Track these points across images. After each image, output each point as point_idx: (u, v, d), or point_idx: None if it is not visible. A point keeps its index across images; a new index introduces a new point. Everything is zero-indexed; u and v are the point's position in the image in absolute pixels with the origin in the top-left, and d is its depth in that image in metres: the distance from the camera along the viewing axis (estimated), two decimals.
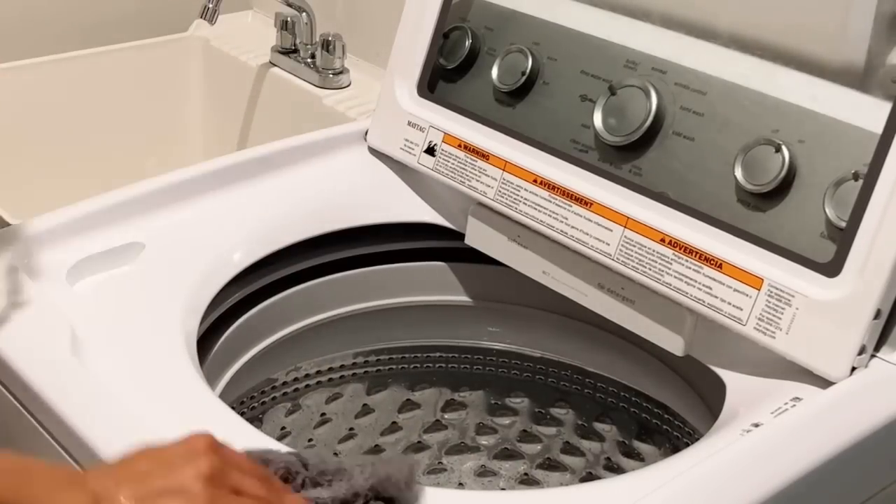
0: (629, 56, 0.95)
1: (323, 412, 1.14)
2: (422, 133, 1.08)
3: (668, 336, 0.93)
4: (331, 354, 1.14)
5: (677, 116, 0.91)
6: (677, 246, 0.88)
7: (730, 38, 0.91)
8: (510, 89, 1.02)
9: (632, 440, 1.12)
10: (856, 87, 0.84)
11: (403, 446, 1.17)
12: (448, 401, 1.19)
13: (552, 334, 1.15)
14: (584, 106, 0.97)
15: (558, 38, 1.01)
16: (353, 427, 1.15)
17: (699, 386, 1.01)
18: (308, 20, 1.64)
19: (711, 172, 0.88)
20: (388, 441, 1.16)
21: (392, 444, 1.17)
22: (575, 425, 1.16)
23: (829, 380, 0.81)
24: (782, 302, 0.82)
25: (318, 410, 1.14)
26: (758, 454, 0.74)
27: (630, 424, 1.12)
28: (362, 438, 1.15)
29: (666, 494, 0.70)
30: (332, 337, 1.13)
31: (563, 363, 1.16)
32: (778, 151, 0.85)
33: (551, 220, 0.96)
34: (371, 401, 1.16)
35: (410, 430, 1.17)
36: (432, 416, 1.18)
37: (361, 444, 1.15)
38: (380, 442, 1.16)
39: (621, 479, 0.79)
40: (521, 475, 1.17)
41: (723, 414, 0.84)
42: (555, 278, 1.00)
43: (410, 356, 1.18)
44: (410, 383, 1.18)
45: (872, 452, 0.78)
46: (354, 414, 1.16)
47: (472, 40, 1.06)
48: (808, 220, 0.83)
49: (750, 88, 0.88)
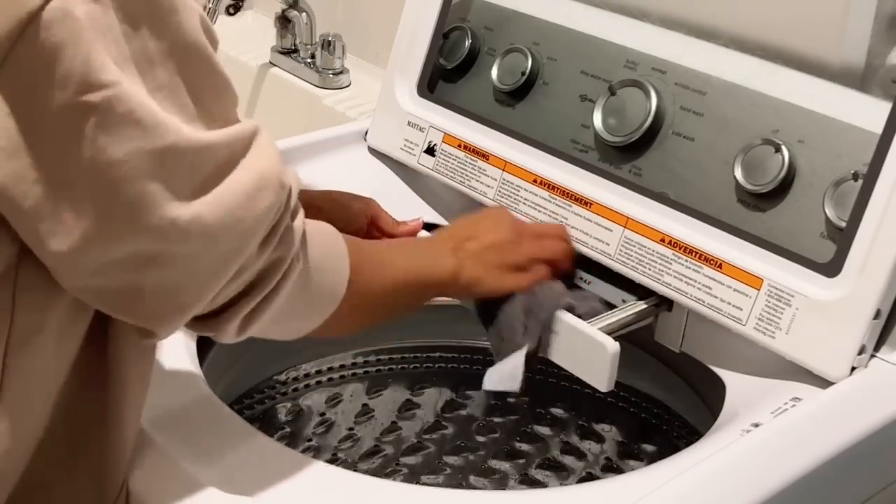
0: (629, 56, 0.95)
1: (322, 412, 1.14)
2: (422, 133, 1.07)
3: (665, 335, 0.93)
4: (330, 356, 1.14)
5: (677, 116, 0.91)
6: (677, 246, 0.88)
7: (730, 38, 0.91)
8: (510, 89, 1.02)
9: (631, 441, 1.12)
10: (856, 87, 0.84)
11: (403, 446, 1.17)
12: (448, 401, 1.19)
13: None
14: (584, 106, 0.97)
15: (558, 38, 1.01)
16: (353, 427, 1.15)
17: (699, 386, 1.01)
18: (308, 20, 1.64)
19: (711, 172, 0.88)
20: (387, 441, 1.16)
21: (391, 444, 1.17)
22: (575, 426, 1.16)
23: (828, 380, 0.81)
24: (782, 302, 0.82)
25: (318, 411, 1.14)
26: (758, 454, 0.74)
27: (630, 424, 1.12)
28: (362, 439, 1.15)
29: (666, 494, 0.70)
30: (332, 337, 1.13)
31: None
32: (778, 151, 0.85)
33: (551, 219, 0.96)
34: (371, 401, 1.16)
35: (410, 430, 1.17)
36: (432, 416, 1.18)
37: (361, 444, 1.15)
38: (379, 442, 1.16)
39: (621, 479, 0.79)
40: (521, 475, 1.17)
41: (723, 414, 0.84)
42: None
43: (410, 356, 1.18)
44: (410, 383, 1.18)
45: (872, 452, 0.78)
46: (354, 414, 1.16)
47: (472, 40, 1.06)
48: (808, 220, 0.83)
49: (750, 88, 0.88)
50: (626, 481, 0.77)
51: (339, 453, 1.14)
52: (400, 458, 1.16)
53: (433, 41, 1.09)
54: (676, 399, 1.06)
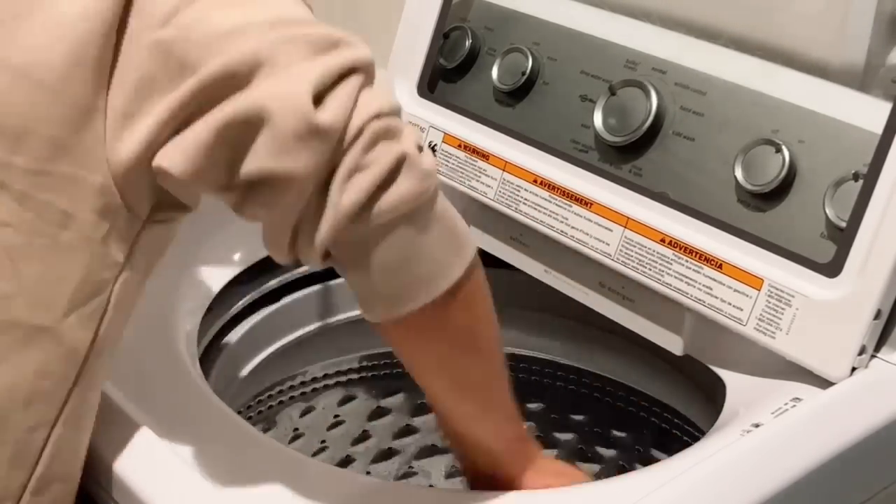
0: (629, 56, 0.95)
1: (336, 414, 1.14)
2: (422, 133, 1.07)
3: (667, 336, 0.93)
4: (337, 357, 1.14)
5: (677, 116, 0.91)
6: (677, 246, 0.88)
7: (730, 38, 0.91)
8: (510, 89, 1.02)
9: (631, 440, 1.12)
10: (856, 87, 0.84)
11: (417, 448, 1.17)
12: None
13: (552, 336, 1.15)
14: (584, 106, 0.97)
15: (558, 38, 1.01)
16: (366, 429, 1.15)
17: (699, 386, 1.01)
18: None
19: (711, 172, 0.88)
20: (402, 444, 1.16)
21: (406, 447, 1.17)
22: (588, 431, 1.15)
23: (829, 380, 0.81)
24: (782, 302, 0.82)
25: (332, 412, 1.13)
26: (758, 454, 0.74)
27: (630, 423, 1.12)
28: (376, 440, 1.15)
29: (666, 494, 0.71)
30: (341, 340, 1.13)
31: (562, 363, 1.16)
32: (778, 152, 0.85)
33: (551, 220, 0.96)
34: (384, 403, 1.16)
35: (425, 432, 1.17)
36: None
37: (378, 444, 1.15)
38: (393, 445, 1.16)
39: (621, 479, 0.79)
40: None
41: (723, 414, 0.84)
42: (556, 277, 1.00)
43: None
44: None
45: (872, 452, 0.78)
46: (367, 416, 1.16)
47: (472, 40, 1.06)
48: (808, 221, 0.83)
49: (750, 88, 0.88)
50: (626, 481, 0.77)
51: (351, 455, 1.14)
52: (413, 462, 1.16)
53: (433, 41, 1.09)
54: (676, 399, 1.07)
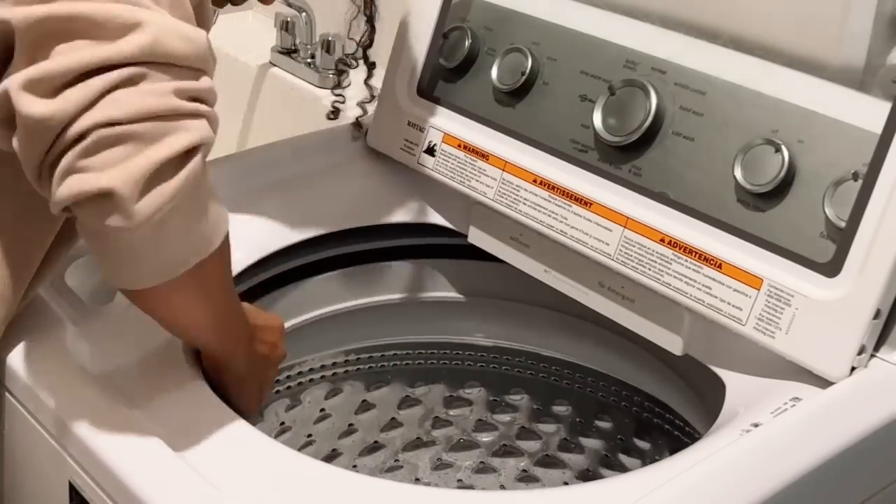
0: (629, 56, 0.95)
1: (322, 408, 1.14)
2: (421, 133, 1.08)
3: (666, 335, 0.93)
4: (326, 350, 1.14)
5: (677, 116, 0.92)
6: (677, 246, 0.89)
7: (729, 38, 0.91)
8: (510, 89, 1.02)
9: (630, 438, 1.12)
10: (856, 87, 0.84)
11: (404, 442, 1.17)
12: (447, 397, 1.19)
13: (549, 331, 1.15)
14: (583, 106, 0.97)
15: (558, 38, 1.01)
16: (352, 423, 1.15)
17: (699, 386, 1.01)
18: (308, 20, 1.64)
19: (711, 172, 0.88)
20: (388, 437, 1.17)
21: (392, 440, 1.17)
22: (573, 422, 1.16)
23: (828, 380, 0.81)
24: (782, 302, 0.82)
25: (318, 406, 1.14)
26: (757, 454, 0.74)
27: (629, 422, 1.12)
28: (362, 434, 1.15)
29: (666, 494, 0.71)
30: (328, 334, 1.13)
31: (559, 360, 1.16)
32: (778, 151, 0.85)
33: (551, 220, 0.97)
34: (371, 397, 1.16)
35: (410, 426, 1.17)
36: (432, 412, 1.18)
37: (364, 438, 1.15)
38: (380, 438, 1.16)
39: (621, 478, 0.79)
40: (521, 472, 1.17)
41: (722, 414, 0.84)
42: (556, 277, 1.00)
43: (414, 353, 1.18)
44: (410, 380, 1.18)
45: (872, 452, 0.79)
46: (354, 410, 1.16)
47: (472, 40, 1.06)
48: (808, 220, 0.83)
49: (750, 88, 0.88)
50: (626, 481, 0.77)
51: (338, 449, 1.14)
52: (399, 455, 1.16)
53: (433, 41, 1.09)
54: (676, 398, 1.07)
